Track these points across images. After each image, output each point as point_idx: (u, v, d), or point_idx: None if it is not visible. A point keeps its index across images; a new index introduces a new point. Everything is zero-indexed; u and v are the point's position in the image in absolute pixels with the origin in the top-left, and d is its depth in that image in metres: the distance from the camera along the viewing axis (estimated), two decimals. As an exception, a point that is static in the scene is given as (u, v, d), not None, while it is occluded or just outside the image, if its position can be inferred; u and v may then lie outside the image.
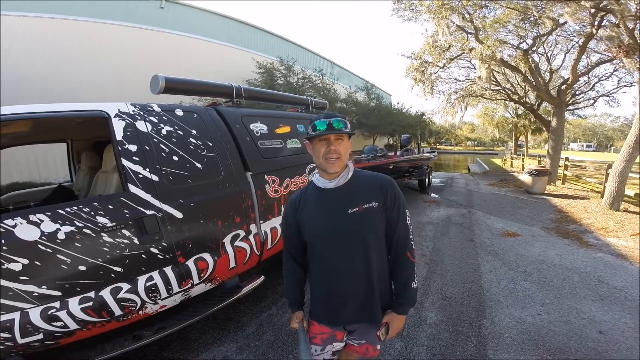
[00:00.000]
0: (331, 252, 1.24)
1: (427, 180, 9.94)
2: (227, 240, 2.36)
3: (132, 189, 1.90)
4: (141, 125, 2.09)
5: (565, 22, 8.52)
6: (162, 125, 2.20)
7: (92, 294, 1.70)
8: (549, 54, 11.50)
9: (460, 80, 13.74)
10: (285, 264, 1.42)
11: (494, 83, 12.66)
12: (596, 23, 7.62)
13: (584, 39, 8.56)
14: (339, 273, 1.25)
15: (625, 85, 12.55)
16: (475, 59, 9.29)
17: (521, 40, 9.99)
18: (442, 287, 3.35)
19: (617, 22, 6.85)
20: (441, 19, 8.27)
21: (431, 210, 7.01)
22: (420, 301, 3.05)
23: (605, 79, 12.21)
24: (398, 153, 10.93)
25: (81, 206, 1.72)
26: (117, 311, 1.79)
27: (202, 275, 2.19)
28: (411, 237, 1.29)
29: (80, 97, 9.57)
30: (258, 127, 2.84)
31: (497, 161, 24.28)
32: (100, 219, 1.74)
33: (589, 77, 11.63)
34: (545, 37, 9.67)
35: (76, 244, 1.65)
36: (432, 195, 9.10)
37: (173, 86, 2.47)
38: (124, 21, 12.25)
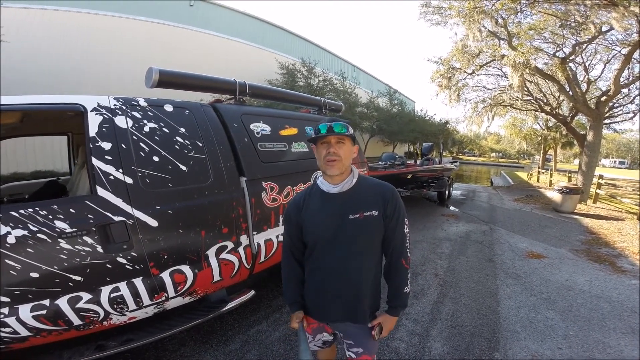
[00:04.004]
0: (328, 255, 1.29)
1: (447, 192, 9.51)
2: (211, 252, 2.15)
3: (101, 192, 1.73)
4: (120, 121, 1.91)
5: (609, 30, 7.90)
6: (145, 121, 2.01)
7: (46, 302, 1.58)
8: (587, 64, 10.76)
9: (488, 89, 13.15)
10: (286, 262, 1.43)
11: (526, 93, 12.06)
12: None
13: (630, 47, 7.90)
14: (332, 274, 1.29)
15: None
16: (508, 67, 8.78)
17: (558, 49, 9.39)
18: (453, 313, 3.03)
19: None
20: (472, 23, 7.84)
21: (449, 225, 6.61)
22: (426, 329, 2.76)
23: (647, 92, 11.30)
24: (418, 162, 10.56)
25: (37, 209, 1.57)
26: (76, 321, 1.67)
27: (179, 288, 2.00)
28: (407, 245, 1.34)
29: (106, 92, 9.80)
30: (260, 128, 2.60)
31: (523, 175, 23.23)
32: (58, 224, 1.59)
33: (629, 89, 10.78)
34: (585, 45, 9.02)
35: (28, 249, 1.51)
36: (452, 208, 8.66)
37: (168, 79, 2.31)
38: (153, 18, 12.52)
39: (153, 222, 1.86)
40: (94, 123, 1.83)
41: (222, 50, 14.94)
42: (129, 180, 1.83)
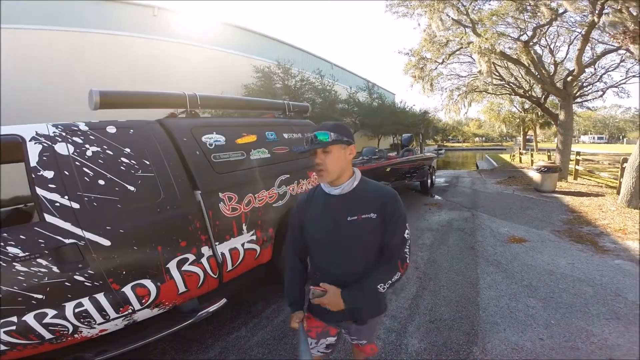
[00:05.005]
0: (327, 255, 1.31)
1: (429, 181, 9.52)
2: (172, 265, 2.18)
3: (49, 218, 1.79)
4: (61, 148, 1.94)
5: (565, 12, 8.09)
6: (87, 146, 2.03)
7: (14, 319, 1.69)
8: (551, 46, 11.08)
9: (462, 76, 13.34)
10: (288, 262, 1.45)
11: (497, 77, 12.25)
12: (597, 11, 7.19)
13: (587, 28, 8.12)
14: (333, 275, 1.29)
15: (634, 76, 12.03)
16: (474, 53, 8.90)
17: (521, 33, 9.59)
18: (432, 306, 2.99)
19: (619, 7, 6.42)
20: (434, 12, 7.91)
21: (432, 215, 6.61)
22: (404, 325, 2.71)
23: (612, 70, 11.77)
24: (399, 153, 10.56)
25: None
26: (47, 335, 1.78)
27: (143, 301, 2.07)
28: (407, 249, 1.29)
29: (71, 111, 9.45)
30: (213, 139, 2.56)
31: (506, 157, 23.63)
32: (11, 249, 1.68)
33: (595, 68, 11.18)
34: (546, 28, 9.27)
35: None
36: (435, 197, 8.68)
37: (111, 100, 2.31)
38: (116, 30, 12.13)
39: (105, 242, 1.91)
40: (33, 153, 1.85)
41: (195, 59, 14.65)
42: (75, 205, 1.87)
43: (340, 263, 1.29)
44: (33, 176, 1.81)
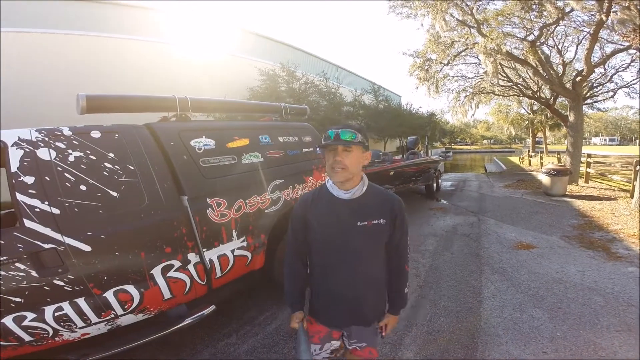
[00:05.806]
0: (335, 259, 1.30)
1: (435, 185, 9.35)
2: (156, 272, 2.14)
3: (28, 223, 1.77)
4: (43, 153, 1.92)
5: (572, 11, 7.93)
6: (70, 151, 2.01)
7: None
8: (559, 46, 10.89)
9: (469, 78, 13.16)
10: (289, 263, 1.43)
11: (505, 78, 12.04)
12: (604, 9, 7.02)
13: (595, 27, 7.95)
14: (339, 279, 1.31)
15: (645, 76, 11.70)
16: (480, 53, 8.76)
17: (528, 33, 9.43)
18: (431, 317, 2.86)
19: (627, 4, 6.23)
20: (437, 13, 7.81)
21: (436, 220, 6.46)
22: (400, 336, 2.60)
23: (623, 70, 11.50)
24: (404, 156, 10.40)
25: None
26: (27, 337, 1.78)
27: (126, 306, 2.05)
28: (408, 250, 1.42)
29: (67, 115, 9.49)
30: (202, 143, 2.50)
31: (515, 159, 23.25)
32: None
33: (605, 69, 10.94)
34: (553, 28, 9.10)
35: None
36: (441, 201, 8.51)
37: (98, 104, 2.29)
38: (115, 33, 12.02)
39: (86, 247, 1.89)
40: (15, 158, 1.84)
41: (198, 62, 14.66)
42: (55, 211, 1.85)
43: (349, 266, 1.29)
44: (13, 181, 1.80)
